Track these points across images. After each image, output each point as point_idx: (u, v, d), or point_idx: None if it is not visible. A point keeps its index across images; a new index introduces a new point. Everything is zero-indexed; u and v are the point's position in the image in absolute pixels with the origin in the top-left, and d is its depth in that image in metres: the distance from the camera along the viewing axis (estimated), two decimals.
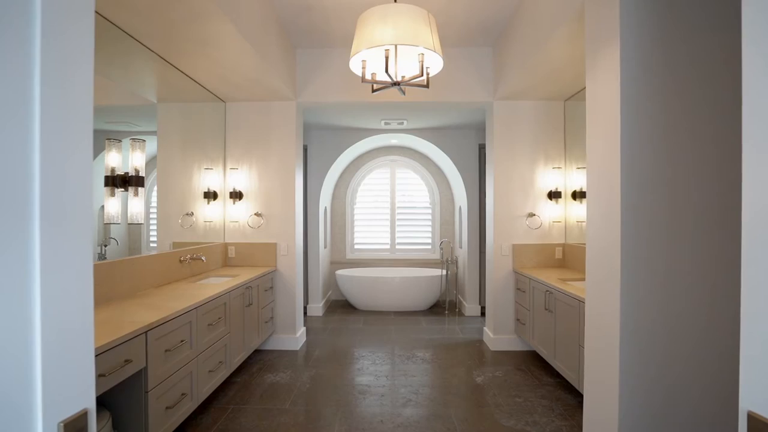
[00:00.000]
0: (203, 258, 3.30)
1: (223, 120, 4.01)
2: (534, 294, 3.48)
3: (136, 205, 2.51)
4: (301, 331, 4.19)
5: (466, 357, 3.80)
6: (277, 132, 4.01)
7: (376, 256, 6.31)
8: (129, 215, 2.48)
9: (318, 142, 5.46)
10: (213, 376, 2.62)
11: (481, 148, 5.39)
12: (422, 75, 2.21)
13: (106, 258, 2.45)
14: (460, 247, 5.84)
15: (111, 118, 2.56)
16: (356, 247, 6.36)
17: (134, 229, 2.74)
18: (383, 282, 5.52)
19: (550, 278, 3.29)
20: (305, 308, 5.39)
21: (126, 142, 2.50)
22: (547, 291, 3.17)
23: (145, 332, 1.86)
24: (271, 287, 3.89)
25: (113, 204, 2.40)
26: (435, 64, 2.33)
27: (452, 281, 6.00)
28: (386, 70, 2.15)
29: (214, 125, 3.85)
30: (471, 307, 5.37)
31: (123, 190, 2.44)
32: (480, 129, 5.41)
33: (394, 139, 5.79)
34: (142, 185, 2.51)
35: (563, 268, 3.87)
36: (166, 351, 2.04)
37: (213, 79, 3.36)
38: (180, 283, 2.97)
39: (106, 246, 2.48)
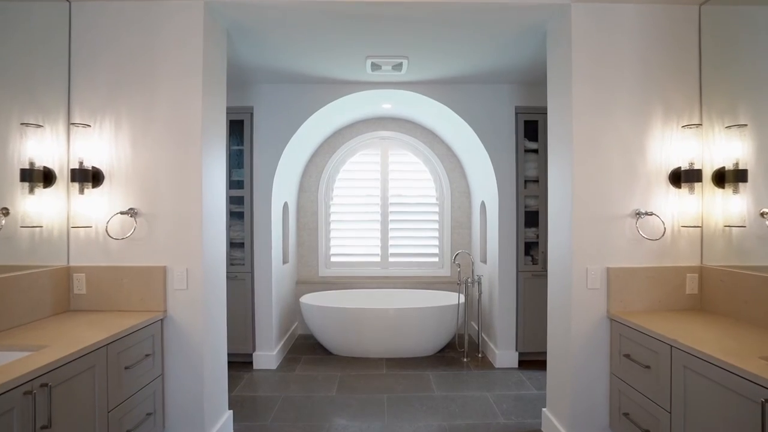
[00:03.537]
0: None
1: (67, 37, 2.14)
2: (683, 378, 1.64)
3: None
4: (222, 421, 2.34)
5: None
6: (171, 60, 2.15)
7: (361, 273, 4.47)
8: None
9: (269, 102, 3.56)
10: None
11: (519, 114, 3.56)
12: None
13: None
14: (484, 262, 4.02)
15: None
16: (333, 259, 4.51)
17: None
18: (371, 315, 3.68)
19: (726, 350, 1.47)
20: (251, 357, 3.53)
21: None
22: (765, 400, 1.33)
23: None
24: (152, 353, 2.03)
25: None
26: None
27: (470, 311, 4.18)
28: None
29: (48, 45, 2.00)
30: (503, 355, 3.54)
31: None
32: (518, 83, 3.55)
33: (387, 103, 3.95)
34: None
35: (706, 313, 2.06)
36: None
37: None
38: None
39: None
